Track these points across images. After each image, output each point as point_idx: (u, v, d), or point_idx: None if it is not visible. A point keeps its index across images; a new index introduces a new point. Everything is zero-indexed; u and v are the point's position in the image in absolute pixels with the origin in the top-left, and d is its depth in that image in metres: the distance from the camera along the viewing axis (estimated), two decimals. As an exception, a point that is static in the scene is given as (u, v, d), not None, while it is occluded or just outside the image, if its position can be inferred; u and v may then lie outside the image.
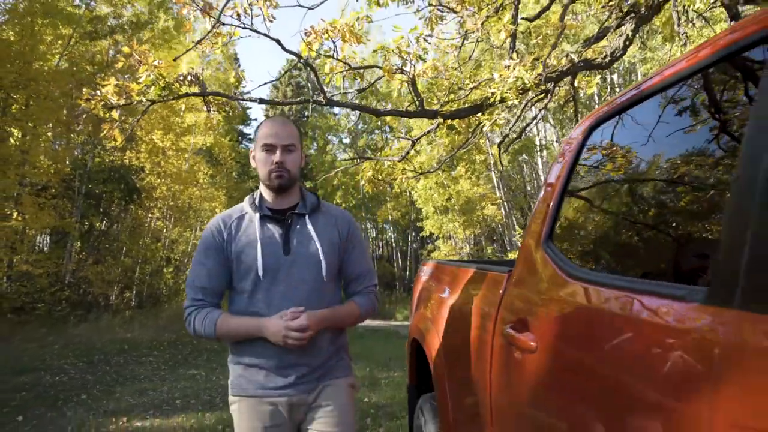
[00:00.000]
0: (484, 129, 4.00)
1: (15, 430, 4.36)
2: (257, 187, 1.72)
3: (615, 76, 15.25)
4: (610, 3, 3.67)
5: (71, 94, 13.48)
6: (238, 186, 21.94)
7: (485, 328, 1.51)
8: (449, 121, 3.99)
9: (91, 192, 14.71)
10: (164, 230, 17.05)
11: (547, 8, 3.51)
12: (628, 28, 3.57)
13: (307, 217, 1.64)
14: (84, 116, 4.10)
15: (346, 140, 30.06)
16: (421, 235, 24.77)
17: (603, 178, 1.33)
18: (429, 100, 4.56)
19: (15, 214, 12.15)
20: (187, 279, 1.66)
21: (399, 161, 4.62)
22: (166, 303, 16.14)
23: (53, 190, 13.18)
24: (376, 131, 26.91)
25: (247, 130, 27.74)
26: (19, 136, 12.85)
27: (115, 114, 3.32)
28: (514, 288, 1.42)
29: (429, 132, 4.47)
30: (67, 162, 13.43)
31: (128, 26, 15.92)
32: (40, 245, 16.46)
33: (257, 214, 1.62)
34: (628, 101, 1.23)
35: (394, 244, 31.80)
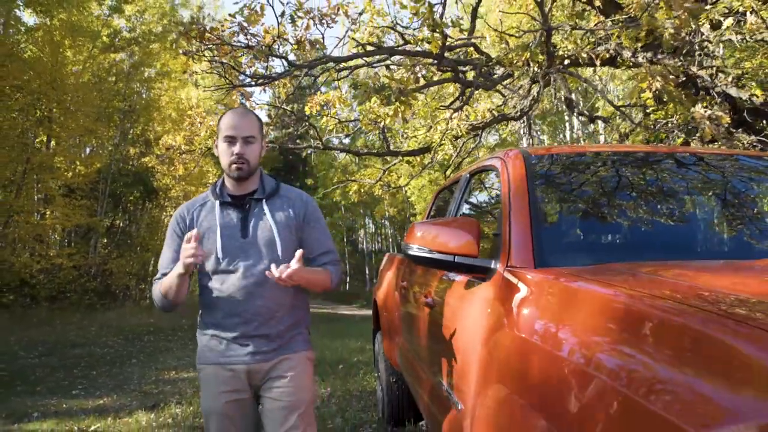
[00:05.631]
0: (438, 158, 5.57)
1: (95, 379, 5.90)
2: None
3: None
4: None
5: (95, 102, 14.90)
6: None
7: (396, 287, 3.07)
8: (407, 158, 5.58)
9: (113, 192, 16.19)
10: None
11: (469, 97, 5.03)
12: (535, 89, 5.07)
13: (264, 201, 1.73)
14: (167, 159, 5.64)
15: (346, 140, 31.57)
16: (415, 230, 26.32)
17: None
18: (395, 135, 6.15)
19: (49, 213, 13.69)
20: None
21: (374, 184, 6.23)
22: (178, 294, 17.55)
23: (81, 191, 14.64)
24: (372, 133, 28.43)
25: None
26: (45, 141, 14.28)
27: (180, 155, 4.85)
28: (405, 265, 2.96)
29: (393, 165, 6.10)
30: (97, 166, 14.76)
31: (142, 39, 17.34)
32: (52, 240, 17.76)
33: (217, 201, 1.73)
34: (449, 183, 2.77)
35: (391, 239, 33.44)
